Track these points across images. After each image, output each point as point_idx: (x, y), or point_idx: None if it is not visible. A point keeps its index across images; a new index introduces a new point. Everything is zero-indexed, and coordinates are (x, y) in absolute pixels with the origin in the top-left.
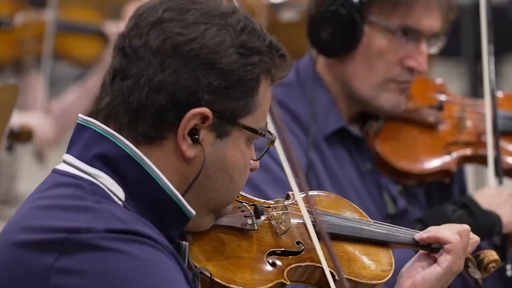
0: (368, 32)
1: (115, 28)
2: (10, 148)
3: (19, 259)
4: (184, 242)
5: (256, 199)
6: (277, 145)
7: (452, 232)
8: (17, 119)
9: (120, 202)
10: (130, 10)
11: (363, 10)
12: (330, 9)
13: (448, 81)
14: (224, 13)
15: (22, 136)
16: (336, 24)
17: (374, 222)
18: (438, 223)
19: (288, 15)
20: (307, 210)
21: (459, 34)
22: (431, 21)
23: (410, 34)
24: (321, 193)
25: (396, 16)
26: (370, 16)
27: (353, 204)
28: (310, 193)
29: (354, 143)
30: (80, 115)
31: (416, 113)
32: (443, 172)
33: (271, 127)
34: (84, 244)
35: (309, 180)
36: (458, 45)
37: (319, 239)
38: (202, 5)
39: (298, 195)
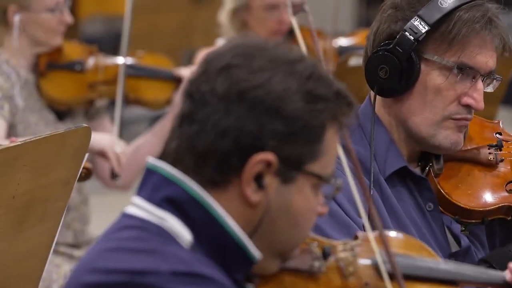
0: (424, 70)
1: (186, 72)
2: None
3: None
4: (250, 285)
5: (324, 240)
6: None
7: None
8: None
9: (186, 245)
10: (200, 56)
11: (419, 49)
12: (387, 49)
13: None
14: (291, 60)
15: (80, 175)
16: (392, 63)
17: (444, 261)
18: (503, 263)
19: (356, 60)
20: (378, 250)
21: None
22: (486, 59)
23: (466, 71)
24: (390, 233)
25: (452, 53)
26: (426, 54)
27: (422, 243)
28: (381, 233)
29: (415, 182)
30: (149, 158)
31: (476, 152)
32: (505, 208)
33: (345, 166)
34: (149, 286)
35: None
36: None
37: (391, 279)
38: (270, 52)
39: (371, 235)
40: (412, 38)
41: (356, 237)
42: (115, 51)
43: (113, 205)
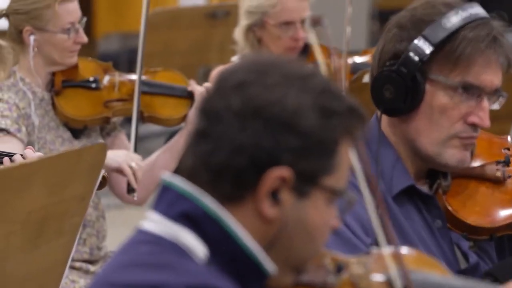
0: (429, 90)
1: (201, 89)
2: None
3: None
4: None
5: (338, 255)
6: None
7: None
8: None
9: (201, 259)
10: (215, 73)
11: (424, 69)
12: (392, 69)
13: None
14: (304, 75)
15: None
16: (398, 83)
17: (455, 277)
18: (508, 275)
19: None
20: (392, 266)
21: None
22: (491, 77)
23: (471, 90)
24: (404, 249)
25: (457, 73)
26: (431, 74)
27: (434, 259)
28: (395, 249)
29: (422, 200)
30: (164, 173)
31: (483, 169)
32: None
33: (361, 182)
34: None
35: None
36: None
37: None
38: (284, 68)
39: (385, 251)
40: (417, 58)
41: (369, 253)
42: (130, 68)
43: (129, 220)
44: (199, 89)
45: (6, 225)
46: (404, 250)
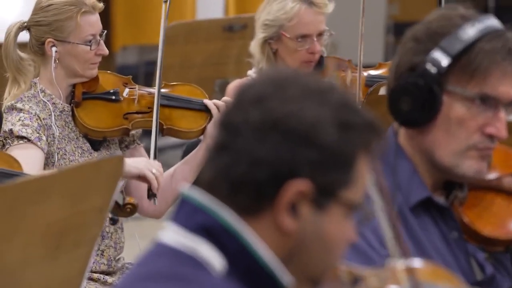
0: (447, 102)
1: (219, 103)
2: (114, 222)
3: None
4: None
5: (354, 268)
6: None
7: None
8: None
9: (218, 271)
10: (232, 86)
11: (441, 80)
12: (409, 81)
13: None
14: (323, 89)
15: (125, 210)
16: (415, 95)
17: None
18: None
19: (385, 89)
20: (407, 278)
21: None
22: (508, 88)
23: (488, 101)
24: (418, 261)
25: (474, 84)
26: (448, 85)
27: (449, 272)
28: (409, 261)
29: (439, 212)
30: (182, 186)
31: (500, 181)
32: None
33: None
34: None
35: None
36: None
37: None
38: (302, 82)
39: (400, 264)
40: (434, 70)
41: (385, 266)
42: (148, 80)
43: (146, 232)
44: (218, 104)
45: (26, 236)
46: (420, 262)
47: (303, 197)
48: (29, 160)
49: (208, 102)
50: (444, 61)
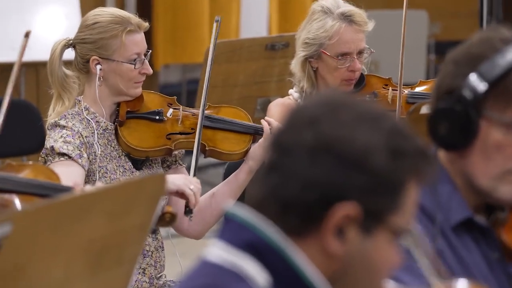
0: (484, 126)
1: (264, 125)
2: (153, 232)
3: None
4: None
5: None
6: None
7: None
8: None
9: (262, 287)
10: (274, 105)
11: (478, 105)
12: (446, 105)
13: None
14: (376, 115)
15: (164, 219)
16: (452, 120)
17: None
18: None
19: (428, 108)
20: None
21: None
22: None
23: None
24: (462, 281)
25: (510, 110)
26: (485, 110)
27: None
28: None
29: (480, 232)
30: (227, 203)
31: None
32: None
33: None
34: None
35: (440, 266)
36: None
37: None
38: (356, 106)
39: (443, 284)
40: (471, 95)
41: (429, 286)
42: (190, 99)
43: (187, 250)
44: (265, 126)
45: (68, 253)
46: (465, 282)
47: (351, 221)
48: (69, 177)
49: (263, 122)
50: (481, 86)
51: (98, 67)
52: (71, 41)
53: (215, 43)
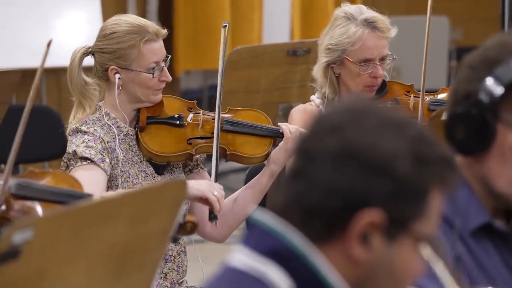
0: (501, 130)
1: (284, 128)
2: (174, 240)
3: None
4: None
5: None
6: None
7: None
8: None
9: None
10: (296, 110)
11: (494, 109)
12: (463, 110)
13: None
14: (400, 122)
15: (185, 228)
16: (469, 124)
17: None
18: None
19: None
20: None
21: None
22: None
23: None
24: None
25: None
26: (502, 114)
27: None
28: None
29: (500, 238)
30: (251, 209)
31: None
32: None
33: None
34: None
35: (459, 274)
36: None
37: None
38: (380, 113)
39: None
40: (487, 99)
41: None
42: (211, 105)
43: (209, 255)
44: (285, 130)
45: (90, 258)
46: None
47: (375, 227)
48: (92, 181)
49: (282, 126)
50: (497, 90)
51: (117, 76)
52: (90, 49)
53: (225, 49)
